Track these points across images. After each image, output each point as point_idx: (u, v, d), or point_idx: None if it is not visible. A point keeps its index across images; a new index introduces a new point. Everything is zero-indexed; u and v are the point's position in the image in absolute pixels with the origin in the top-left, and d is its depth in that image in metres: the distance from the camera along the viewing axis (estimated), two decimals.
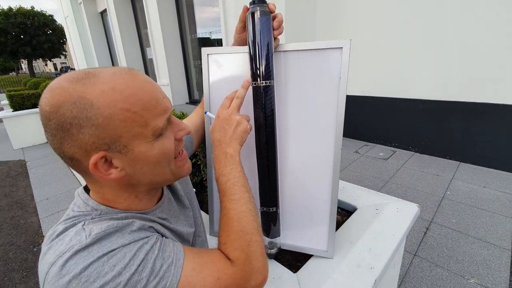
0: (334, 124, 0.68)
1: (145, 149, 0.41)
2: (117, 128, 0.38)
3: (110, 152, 0.39)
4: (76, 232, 0.38)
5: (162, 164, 0.44)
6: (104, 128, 0.37)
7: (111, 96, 0.37)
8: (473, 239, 1.80)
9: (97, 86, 0.37)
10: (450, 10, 2.70)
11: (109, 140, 0.38)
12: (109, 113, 0.37)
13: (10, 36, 19.76)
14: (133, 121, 0.38)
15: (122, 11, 7.52)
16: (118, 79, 0.38)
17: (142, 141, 0.40)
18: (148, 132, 0.40)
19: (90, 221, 0.40)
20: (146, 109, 0.39)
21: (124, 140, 0.39)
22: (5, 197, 2.93)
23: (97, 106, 0.36)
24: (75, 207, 0.44)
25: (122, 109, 0.37)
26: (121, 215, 0.43)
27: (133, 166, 0.41)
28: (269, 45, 0.64)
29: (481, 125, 2.77)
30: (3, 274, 1.82)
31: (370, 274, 0.71)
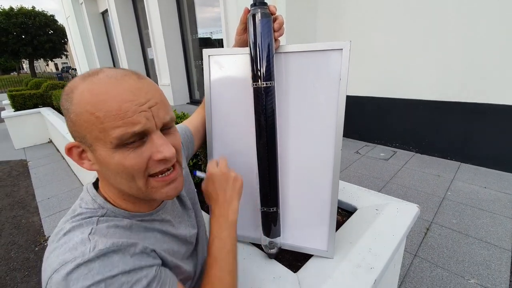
0: (334, 124, 0.69)
1: (104, 154, 0.41)
2: (82, 126, 0.40)
3: (82, 145, 0.42)
4: (82, 241, 0.38)
5: (124, 176, 0.42)
6: (74, 123, 0.41)
7: (86, 97, 0.39)
8: (473, 240, 1.80)
9: (83, 85, 0.40)
10: (451, 10, 2.70)
11: (77, 134, 0.42)
12: (78, 111, 0.40)
13: (11, 36, 19.81)
14: (93, 124, 0.39)
15: (123, 11, 7.54)
16: (103, 83, 0.40)
17: (102, 146, 0.40)
18: (106, 139, 0.40)
19: (96, 228, 0.41)
20: (109, 118, 0.39)
21: (88, 139, 0.41)
22: (6, 196, 2.94)
23: (73, 103, 0.40)
24: (83, 203, 0.45)
25: (87, 111, 0.39)
26: (126, 222, 0.45)
27: (100, 166, 0.43)
28: (269, 47, 0.64)
29: (482, 125, 2.77)
30: (5, 274, 1.83)
31: (370, 274, 0.72)
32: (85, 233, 0.39)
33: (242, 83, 0.74)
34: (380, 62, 3.34)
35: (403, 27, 3.04)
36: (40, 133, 4.77)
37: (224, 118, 0.79)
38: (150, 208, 0.51)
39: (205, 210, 1.04)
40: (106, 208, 0.44)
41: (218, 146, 0.81)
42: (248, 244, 0.85)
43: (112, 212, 0.44)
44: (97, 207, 0.44)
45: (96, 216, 0.43)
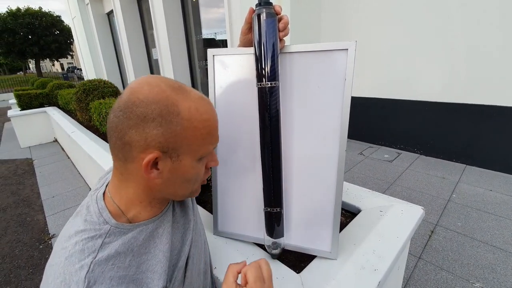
0: (339, 125, 0.69)
1: (189, 164, 0.47)
2: (184, 139, 0.44)
3: (164, 155, 0.44)
4: (77, 281, 0.38)
5: (191, 182, 0.50)
6: (176, 134, 0.43)
7: (194, 114, 0.44)
8: (478, 243, 1.78)
9: (187, 101, 0.44)
10: (456, 10, 2.68)
11: (172, 146, 0.43)
12: (186, 125, 0.43)
13: (18, 36, 20.06)
14: (197, 139, 0.45)
15: (128, 12, 7.60)
16: (202, 103, 0.46)
17: (191, 157, 0.47)
18: (199, 152, 0.47)
19: (96, 263, 0.41)
20: (208, 134, 0.47)
21: (182, 150, 0.45)
22: (12, 194, 2.98)
23: (181, 116, 0.43)
24: (88, 216, 0.46)
25: (195, 127, 0.45)
26: (131, 234, 0.46)
27: (171, 174, 0.46)
28: (274, 47, 0.64)
29: (488, 127, 2.74)
30: (9, 271, 1.84)
31: (374, 276, 0.71)
32: (84, 269, 0.40)
33: (247, 83, 0.74)
34: (385, 63, 3.32)
35: (409, 27, 3.03)
36: (45, 132, 4.82)
37: (228, 118, 0.79)
38: (159, 211, 0.52)
39: (209, 210, 1.04)
40: (110, 224, 0.45)
41: (222, 146, 0.81)
42: (251, 245, 0.85)
43: (116, 228, 0.45)
44: (102, 222, 0.45)
45: (100, 236, 0.44)
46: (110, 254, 0.42)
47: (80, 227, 0.44)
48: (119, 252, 0.44)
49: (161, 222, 0.52)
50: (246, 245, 0.85)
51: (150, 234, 0.49)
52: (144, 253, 0.47)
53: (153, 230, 0.50)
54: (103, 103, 2.34)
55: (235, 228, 0.86)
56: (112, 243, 0.44)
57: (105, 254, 0.42)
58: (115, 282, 0.41)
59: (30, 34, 20.61)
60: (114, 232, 0.45)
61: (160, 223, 0.51)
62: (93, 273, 0.40)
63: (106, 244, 0.43)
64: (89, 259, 0.41)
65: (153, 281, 0.46)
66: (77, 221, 0.46)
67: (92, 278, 0.39)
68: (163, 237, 0.51)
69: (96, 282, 0.39)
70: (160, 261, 0.48)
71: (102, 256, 0.42)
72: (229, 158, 0.82)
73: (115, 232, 0.45)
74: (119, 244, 0.44)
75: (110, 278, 0.41)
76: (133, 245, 0.46)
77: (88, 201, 0.49)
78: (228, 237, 0.87)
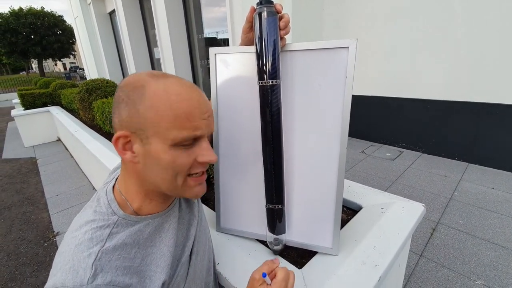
0: (340, 123, 0.69)
1: (160, 149, 0.44)
2: (148, 119, 0.43)
3: (133, 136, 0.44)
4: (85, 267, 0.40)
5: (170, 172, 0.46)
6: (139, 114, 0.43)
7: (160, 94, 0.43)
8: (480, 241, 1.78)
9: (158, 83, 0.44)
10: (459, 8, 2.67)
11: (137, 125, 0.44)
12: (149, 104, 0.43)
13: (21, 36, 20.15)
14: (162, 120, 0.43)
15: (130, 11, 7.62)
16: (176, 87, 0.44)
17: (161, 141, 0.44)
18: (168, 136, 0.44)
19: (103, 251, 0.42)
20: (177, 118, 0.43)
21: (148, 132, 0.43)
22: (16, 193, 3.01)
23: (145, 96, 0.43)
24: (98, 207, 0.48)
25: (158, 108, 0.43)
26: (138, 226, 0.48)
27: (146, 159, 0.45)
28: (275, 45, 0.65)
29: (490, 125, 2.73)
30: (15, 268, 1.87)
31: (375, 271, 0.72)
32: (91, 257, 0.41)
33: (248, 81, 0.75)
34: (387, 61, 3.32)
35: (411, 25, 3.02)
36: (49, 132, 4.85)
37: (230, 116, 0.80)
38: (162, 207, 0.53)
39: (211, 207, 1.06)
40: (118, 215, 0.47)
41: (224, 144, 0.82)
42: (253, 241, 0.86)
43: (124, 219, 0.47)
44: (110, 213, 0.47)
45: (108, 226, 0.45)
46: (117, 244, 0.44)
47: (90, 217, 0.46)
48: (125, 243, 0.45)
49: (167, 217, 0.53)
50: (249, 241, 0.86)
51: (156, 228, 0.50)
52: (150, 246, 0.49)
53: (159, 225, 0.51)
54: (106, 102, 2.36)
55: (238, 224, 0.87)
56: (120, 234, 0.45)
57: (113, 244, 0.44)
58: (120, 272, 0.43)
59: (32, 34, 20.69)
60: (121, 223, 0.46)
61: (166, 218, 0.53)
62: (100, 261, 0.41)
63: (114, 234, 0.45)
64: (97, 248, 0.42)
65: (155, 274, 0.48)
66: (88, 212, 0.48)
67: (99, 266, 0.41)
68: (169, 232, 0.52)
69: (102, 270, 0.41)
70: (164, 255, 0.50)
71: (110, 246, 0.43)
72: (231, 155, 0.83)
73: (122, 223, 0.46)
74: (126, 235, 0.46)
75: (115, 267, 0.42)
76: (139, 237, 0.47)
77: (99, 194, 0.51)
78: (230, 234, 0.88)
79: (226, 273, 0.74)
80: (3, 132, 6.15)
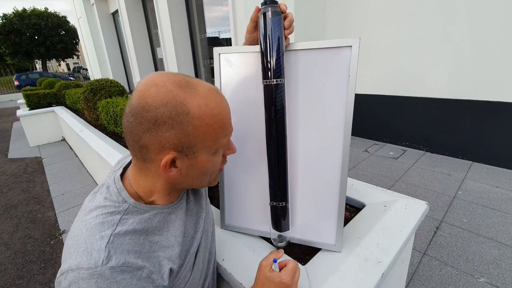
0: (343, 121, 0.70)
1: (205, 159, 0.48)
2: (198, 137, 0.45)
3: (180, 154, 0.46)
4: (99, 249, 0.41)
5: (208, 174, 0.51)
6: (188, 134, 0.44)
7: (204, 110, 0.44)
8: (484, 239, 1.78)
9: (196, 98, 0.44)
10: (462, 5, 2.66)
11: (186, 145, 0.45)
12: (197, 124, 0.44)
13: (25, 37, 20.31)
14: (210, 135, 0.46)
15: (133, 11, 7.66)
16: (211, 97, 0.46)
17: (207, 152, 0.48)
18: (214, 146, 0.48)
19: (115, 235, 0.44)
20: (221, 128, 0.47)
21: (196, 147, 0.46)
22: (23, 192, 3.05)
23: (191, 116, 0.43)
24: (108, 195, 0.49)
25: (207, 124, 0.45)
26: (146, 216, 0.49)
27: (189, 170, 0.48)
28: (280, 44, 0.66)
29: (495, 124, 2.72)
30: (22, 266, 1.90)
31: (378, 268, 0.73)
32: (104, 240, 0.42)
33: (252, 80, 0.76)
34: (390, 60, 3.31)
35: (414, 24, 3.01)
36: (53, 131, 4.90)
37: (234, 115, 0.80)
38: (174, 199, 0.56)
39: (215, 205, 1.07)
40: (128, 203, 0.48)
41: None
42: (257, 238, 0.87)
43: (134, 207, 0.48)
44: (121, 201, 0.48)
45: (119, 212, 0.46)
46: (127, 230, 0.45)
47: (101, 203, 0.47)
48: (135, 230, 0.46)
49: (175, 209, 0.55)
50: (253, 238, 0.87)
51: (164, 218, 0.52)
52: (157, 234, 0.50)
53: (166, 215, 0.53)
54: (110, 102, 2.38)
55: (242, 222, 0.88)
56: (130, 220, 0.47)
57: (123, 229, 0.45)
58: (132, 255, 0.44)
59: (36, 35, 20.86)
60: (132, 210, 0.48)
61: (174, 210, 0.54)
62: (113, 244, 0.43)
63: (124, 220, 0.46)
64: (109, 231, 0.43)
65: (163, 260, 0.49)
66: (97, 197, 0.49)
67: (112, 248, 0.42)
68: (176, 222, 0.54)
69: (116, 252, 0.42)
70: (172, 245, 0.52)
71: (121, 230, 0.45)
72: (236, 154, 0.84)
73: (132, 211, 0.48)
74: (136, 222, 0.47)
75: (127, 251, 0.44)
76: (148, 225, 0.49)
77: (107, 181, 0.52)
78: (235, 231, 0.90)
79: (231, 269, 0.76)
80: (8, 132, 6.22)
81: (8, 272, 1.85)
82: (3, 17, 19.75)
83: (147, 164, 0.47)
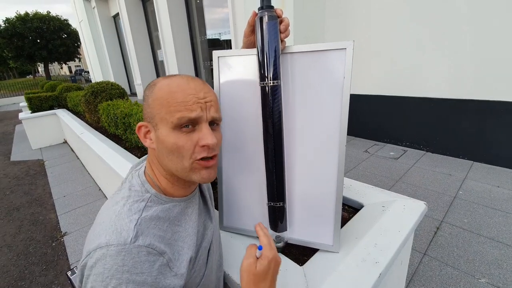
0: (339, 121, 0.71)
1: (164, 133, 0.51)
2: (155, 108, 0.52)
3: (149, 126, 0.54)
4: (128, 229, 0.45)
5: (175, 154, 0.52)
6: (149, 105, 0.53)
7: (163, 88, 0.52)
8: (485, 239, 1.77)
9: (166, 80, 0.53)
10: (462, 5, 2.66)
11: (150, 115, 0.53)
12: (155, 97, 0.52)
13: (27, 41, 20.42)
14: (163, 107, 0.51)
15: (134, 14, 7.70)
16: (177, 80, 0.53)
17: (165, 125, 0.51)
18: (169, 119, 0.50)
19: (142, 219, 0.48)
20: (175, 103, 0.50)
21: (156, 119, 0.52)
22: (25, 194, 3.07)
23: (154, 91, 0.53)
24: (132, 187, 0.54)
25: (161, 97, 0.51)
26: (168, 206, 0.54)
27: (158, 144, 0.53)
28: (276, 47, 0.67)
29: (495, 123, 2.71)
30: (24, 268, 1.91)
31: (375, 268, 0.73)
32: (133, 222, 0.47)
33: (250, 82, 0.77)
34: (390, 60, 3.31)
35: (414, 24, 3.01)
36: (55, 134, 4.93)
37: (232, 116, 0.82)
38: (185, 193, 0.59)
39: (214, 206, 1.08)
40: (150, 193, 0.53)
41: (227, 144, 0.84)
42: (255, 239, 0.88)
43: (155, 197, 0.53)
44: (144, 191, 0.53)
45: (143, 200, 0.51)
46: (152, 216, 0.50)
47: (126, 194, 0.52)
48: (159, 217, 0.51)
49: (190, 203, 0.59)
50: (251, 239, 0.88)
51: (182, 211, 0.57)
52: (177, 225, 0.54)
53: (184, 208, 0.57)
54: (111, 105, 2.40)
55: (240, 223, 0.89)
56: (153, 208, 0.51)
57: (149, 214, 0.50)
58: (157, 239, 0.48)
59: (38, 38, 20.96)
60: (154, 199, 0.53)
61: (189, 204, 0.59)
62: (140, 226, 0.47)
63: (148, 207, 0.51)
64: (137, 215, 0.48)
65: (183, 249, 0.53)
66: (122, 192, 0.54)
67: (139, 229, 0.46)
68: (192, 215, 0.59)
69: (143, 233, 0.46)
70: (189, 235, 0.56)
71: (147, 215, 0.49)
72: (234, 154, 0.85)
73: (154, 200, 0.53)
74: (159, 210, 0.52)
75: (153, 234, 0.48)
76: (170, 214, 0.53)
77: (130, 177, 0.57)
78: (233, 232, 0.90)
79: (229, 270, 0.76)
80: (11, 135, 6.26)
81: (10, 274, 1.86)
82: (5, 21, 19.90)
83: None
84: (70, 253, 2.00)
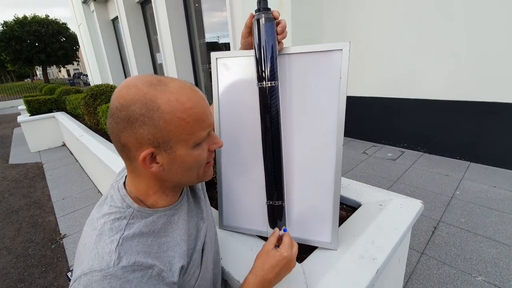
0: (336, 121, 0.73)
1: (184, 154, 0.48)
2: (171, 132, 0.46)
3: (157, 149, 0.47)
4: (109, 252, 0.43)
5: (193, 168, 0.52)
6: (161, 129, 0.45)
7: (175, 105, 0.45)
8: (482, 238, 1.79)
9: (166, 94, 0.45)
10: (460, 7, 2.70)
11: (161, 140, 0.46)
12: (169, 118, 0.45)
13: (25, 44, 20.44)
14: (184, 129, 0.46)
15: (132, 18, 7.73)
16: (183, 92, 0.46)
17: (185, 146, 0.48)
18: (191, 140, 0.48)
19: (124, 238, 0.46)
20: (196, 122, 0.47)
21: (172, 142, 0.47)
22: (24, 197, 3.06)
23: (161, 111, 0.44)
24: (113, 202, 0.51)
25: (179, 118, 0.45)
26: (151, 219, 0.51)
27: (171, 165, 0.49)
28: (273, 48, 0.69)
29: (492, 124, 2.74)
30: (23, 270, 1.91)
31: (373, 265, 0.75)
32: (114, 243, 0.44)
33: (248, 83, 0.78)
34: (388, 62, 3.34)
35: (411, 25, 3.05)
36: (54, 137, 4.92)
37: (231, 116, 0.83)
38: (175, 199, 0.57)
39: (214, 206, 1.09)
40: (132, 208, 0.50)
41: (226, 144, 0.86)
42: (255, 237, 0.89)
43: (138, 211, 0.50)
44: (125, 206, 0.50)
45: (125, 218, 0.49)
46: (135, 233, 0.48)
47: (107, 211, 0.50)
48: (142, 232, 0.49)
49: (176, 210, 0.57)
50: (250, 238, 0.89)
51: (167, 220, 0.54)
52: (163, 236, 0.52)
53: (170, 217, 0.55)
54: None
55: (240, 222, 0.90)
56: (136, 224, 0.49)
57: (131, 232, 0.47)
58: (142, 255, 0.46)
59: (37, 42, 20.98)
60: (136, 215, 0.50)
61: (175, 211, 0.57)
62: (122, 247, 0.45)
63: (131, 225, 0.48)
64: (118, 235, 0.46)
65: (174, 259, 0.51)
66: (103, 207, 0.52)
67: (122, 250, 0.44)
68: (179, 223, 0.56)
69: (126, 253, 0.44)
70: (179, 244, 0.54)
71: (129, 234, 0.47)
72: (233, 154, 0.86)
73: (137, 215, 0.50)
74: (142, 225, 0.49)
75: (137, 252, 0.46)
76: (154, 227, 0.51)
77: (110, 191, 0.54)
78: (233, 231, 0.92)
79: (229, 268, 0.78)
80: (9, 137, 6.25)
81: (10, 276, 1.86)
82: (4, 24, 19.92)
83: (134, 164, 0.49)
84: (69, 255, 2.00)
